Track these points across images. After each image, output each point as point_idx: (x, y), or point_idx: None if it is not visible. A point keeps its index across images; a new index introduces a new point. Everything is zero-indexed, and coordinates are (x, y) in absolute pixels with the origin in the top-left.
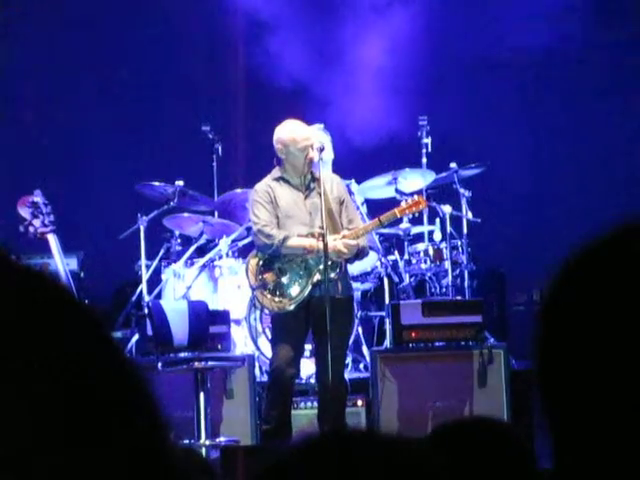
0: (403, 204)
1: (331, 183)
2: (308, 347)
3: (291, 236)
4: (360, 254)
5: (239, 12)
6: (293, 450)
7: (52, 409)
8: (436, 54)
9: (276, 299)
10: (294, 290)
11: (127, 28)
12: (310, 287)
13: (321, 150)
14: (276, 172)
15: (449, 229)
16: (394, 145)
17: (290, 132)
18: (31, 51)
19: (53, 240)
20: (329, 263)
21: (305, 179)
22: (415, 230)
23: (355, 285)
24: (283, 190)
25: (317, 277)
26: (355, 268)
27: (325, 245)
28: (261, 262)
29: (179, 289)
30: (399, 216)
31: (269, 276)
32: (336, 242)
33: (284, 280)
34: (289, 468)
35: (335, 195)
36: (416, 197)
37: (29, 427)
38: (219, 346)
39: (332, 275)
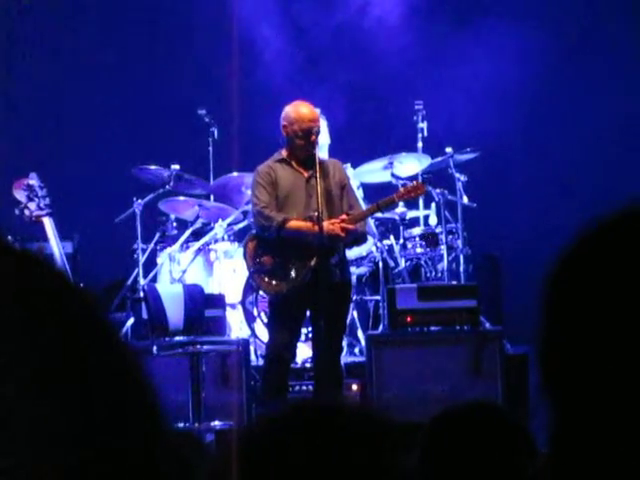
0: (402, 190)
1: (333, 167)
2: (304, 331)
3: (290, 219)
4: (359, 239)
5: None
6: (263, 419)
7: (49, 392)
8: (428, 37)
9: (273, 282)
10: (291, 273)
11: (122, 12)
12: (308, 271)
13: (317, 134)
14: (279, 154)
15: (444, 213)
16: (390, 129)
17: (297, 111)
18: (26, 37)
19: (49, 223)
20: (326, 248)
21: (308, 161)
22: (410, 214)
23: (350, 269)
24: (285, 172)
25: (315, 261)
26: (351, 252)
27: (321, 228)
28: (259, 245)
29: (175, 273)
30: (397, 202)
31: (267, 259)
32: (334, 226)
33: (281, 263)
34: (258, 435)
35: (337, 179)
36: (415, 182)
37: (26, 413)
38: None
39: (330, 260)
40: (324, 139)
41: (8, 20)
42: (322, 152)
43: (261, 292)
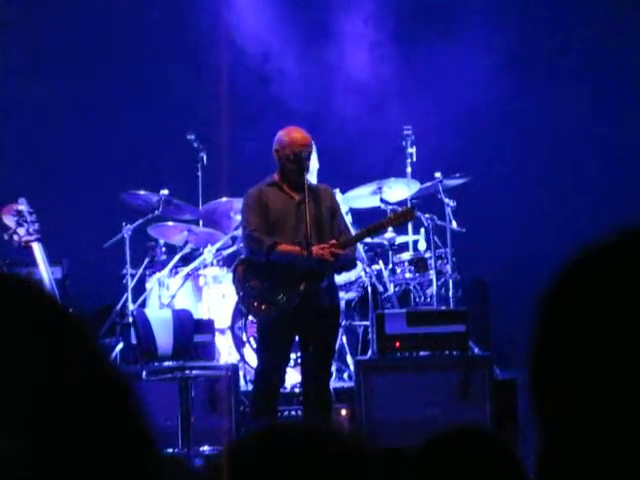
0: (391, 215)
1: (324, 193)
2: (293, 356)
3: (280, 243)
4: (348, 265)
5: (223, 24)
6: (242, 439)
7: (38, 413)
8: (417, 63)
9: (262, 306)
10: (280, 298)
11: (111, 35)
12: (296, 295)
13: (308, 158)
14: (271, 178)
15: (433, 239)
16: (379, 154)
17: (289, 136)
18: (14, 56)
19: (38, 249)
20: (315, 272)
21: (299, 186)
22: (400, 240)
23: (339, 294)
24: (276, 195)
25: (303, 286)
26: (340, 278)
27: (310, 253)
28: (248, 269)
29: (164, 298)
30: (387, 227)
31: (255, 283)
32: (323, 250)
33: (270, 287)
34: (237, 453)
35: (327, 205)
36: (404, 208)
37: (16, 435)
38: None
39: (319, 284)
40: (314, 164)
41: None
42: (312, 177)
43: (250, 317)
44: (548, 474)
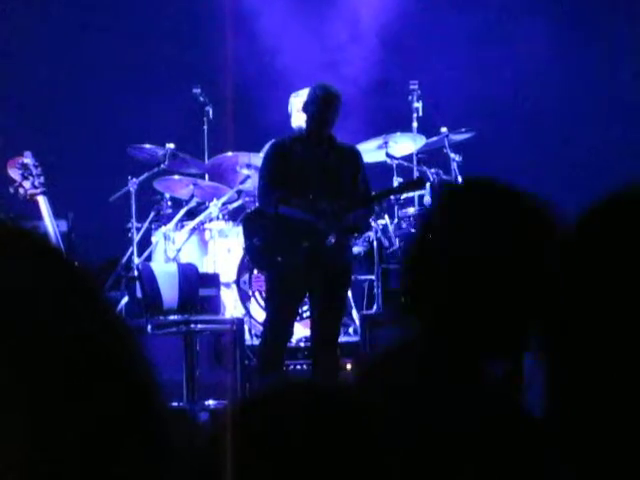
0: (403, 183)
1: (349, 153)
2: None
3: (290, 197)
4: (359, 227)
5: None
6: (257, 396)
7: (45, 365)
8: (424, 16)
9: (269, 260)
10: (286, 253)
11: None
12: (302, 252)
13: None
14: (299, 131)
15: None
16: (385, 109)
17: (317, 92)
18: (20, 18)
19: (43, 202)
20: (320, 230)
21: (324, 142)
22: (405, 194)
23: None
24: (299, 149)
25: (306, 243)
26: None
27: (321, 211)
28: (257, 221)
29: (169, 252)
30: (395, 195)
31: (264, 236)
32: (330, 208)
33: (277, 242)
34: (252, 412)
35: (350, 165)
36: (417, 178)
37: (23, 387)
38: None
39: (322, 243)
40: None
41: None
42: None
43: (255, 271)
44: (567, 403)
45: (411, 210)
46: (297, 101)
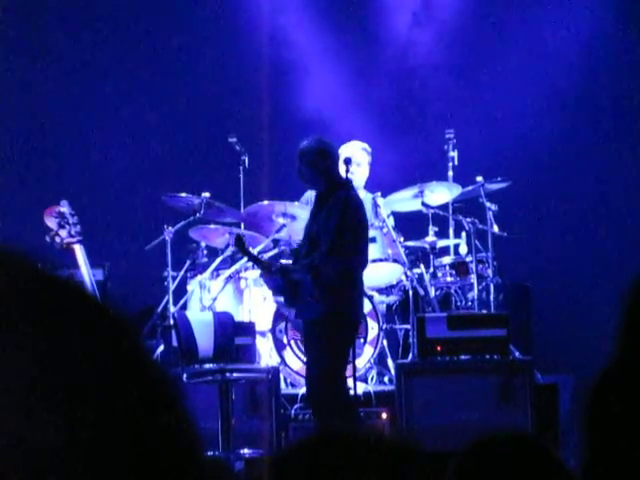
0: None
1: (333, 202)
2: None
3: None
4: (297, 287)
5: (266, 27)
6: (291, 448)
7: (88, 418)
8: (460, 65)
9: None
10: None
11: (155, 36)
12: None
13: (347, 162)
14: None
15: (475, 242)
16: (421, 158)
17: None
18: (55, 59)
19: (79, 251)
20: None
21: (320, 193)
22: (441, 243)
23: (380, 298)
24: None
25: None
26: (381, 281)
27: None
28: None
29: (205, 300)
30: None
31: None
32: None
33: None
34: (286, 464)
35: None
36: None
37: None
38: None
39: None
40: (364, 173)
41: (37, 38)
42: (358, 185)
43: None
44: None
45: (446, 259)
46: (344, 150)
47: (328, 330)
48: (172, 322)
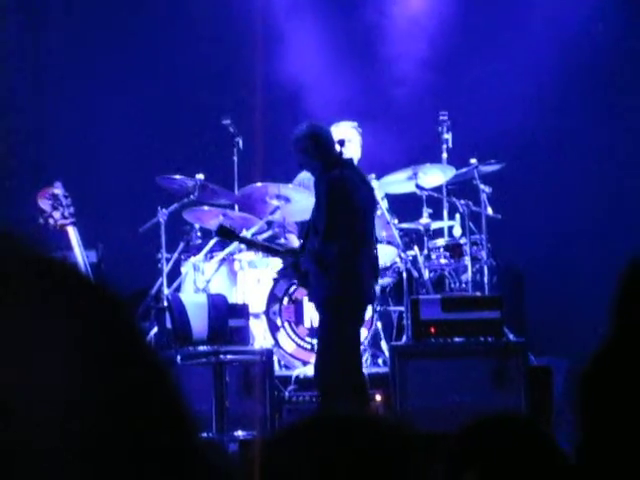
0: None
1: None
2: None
3: None
4: (297, 269)
5: (260, 9)
6: (282, 431)
7: (82, 399)
8: (454, 47)
9: None
10: None
11: (147, 20)
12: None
13: (341, 144)
14: None
15: (469, 225)
16: (414, 140)
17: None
18: (53, 41)
19: (73, 232)
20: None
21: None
22: (435, 225)
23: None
24: None
25: None
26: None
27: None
28: None
29: (199, 282)
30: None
31: None
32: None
33: None
34: (277, 446)
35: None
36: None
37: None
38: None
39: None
40: (355, 153)
41: (36, 32)
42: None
43: (285, 302)
44: (586, 463)
45: (440, 241)
46: (335, 132)
47: (337, 312)
48: (166, 304)
